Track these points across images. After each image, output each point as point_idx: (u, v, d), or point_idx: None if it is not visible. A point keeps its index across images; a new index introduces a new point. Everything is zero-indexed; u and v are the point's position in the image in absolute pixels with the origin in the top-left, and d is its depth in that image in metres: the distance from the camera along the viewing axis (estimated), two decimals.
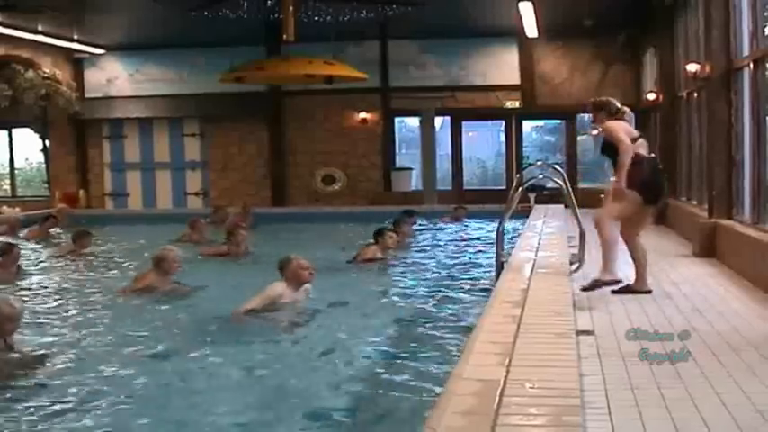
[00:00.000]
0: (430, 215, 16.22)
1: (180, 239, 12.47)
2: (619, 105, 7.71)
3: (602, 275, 7.33)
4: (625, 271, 7.76)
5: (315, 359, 6.25)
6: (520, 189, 8.56)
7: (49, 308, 8.39)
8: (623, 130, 7.41)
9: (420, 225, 14.89)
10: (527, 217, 13.22)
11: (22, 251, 10.85)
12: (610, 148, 7.48)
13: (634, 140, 7.39)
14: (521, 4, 14.54)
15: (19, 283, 9.77)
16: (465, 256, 11.93)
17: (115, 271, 10.95)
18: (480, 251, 12.06)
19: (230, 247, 11.31)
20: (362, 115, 20.51)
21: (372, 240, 10.94)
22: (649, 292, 7.45)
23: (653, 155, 7.82)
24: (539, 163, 13.53)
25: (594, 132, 24.25)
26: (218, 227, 14.08)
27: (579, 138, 21.84)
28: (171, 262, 8.69)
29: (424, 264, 11.23)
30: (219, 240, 11.98)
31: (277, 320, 7.30)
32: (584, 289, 7.34)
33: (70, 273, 10.70)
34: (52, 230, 14.68)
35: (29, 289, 9.48)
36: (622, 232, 7.53)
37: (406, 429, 4.54)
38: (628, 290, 7.44)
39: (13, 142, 22.03)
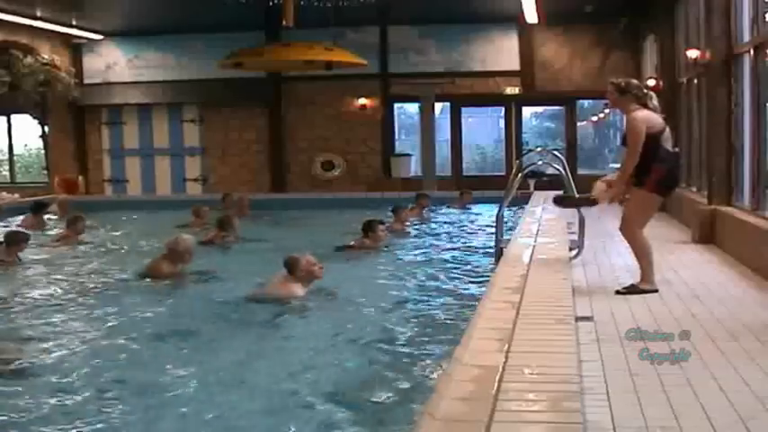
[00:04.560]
0: (430, 201, 16.21)
1: (186, 226, 12.57)
2: (645, 89, 7.08)
3: (640, 284, 6.91)
4: (629, 259, 7.72)
5: (316, 344, 6.30)
6: (519, 175, 8.56)
7: (52, 296, 8.43)
8: (648, 125, 6.75)
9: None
10: (526, 203, 13.24)
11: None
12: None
13: (661, 132, 6.83)
14: None
15: (20, 271, 9.82)
16: (464, 242, 11.94)
17: (118, 257, 11.06)
18: (479, 237, 12.07)
19: (225, 234, 11.56)
20: (362, 101, 20.46)
21: (363, 233, 10.88)
22: (656, 291, 6.87)
23: (677, 149, 7.21)
24: (538, 149, 13.54)
25: (595, 119, 24.30)
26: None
27: (579, 124, 21.83)
28: (185, 253, 8.78)
29: (422, 250, 11.25)
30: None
31: (284, 306, 7.37)
32: (619, 292, 6.86)
33: (72, 260, 10.74)
34: (51, 218, 14.74)
35: (29, 277, 9.51)
36: (623, 228, 7.10)
37: (405, 415, 4.54)
38: (633, 290, 6.86)
39: (12, 128, 21.98)
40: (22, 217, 14.41)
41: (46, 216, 14.47)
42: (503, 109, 20.95)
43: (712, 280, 7.56)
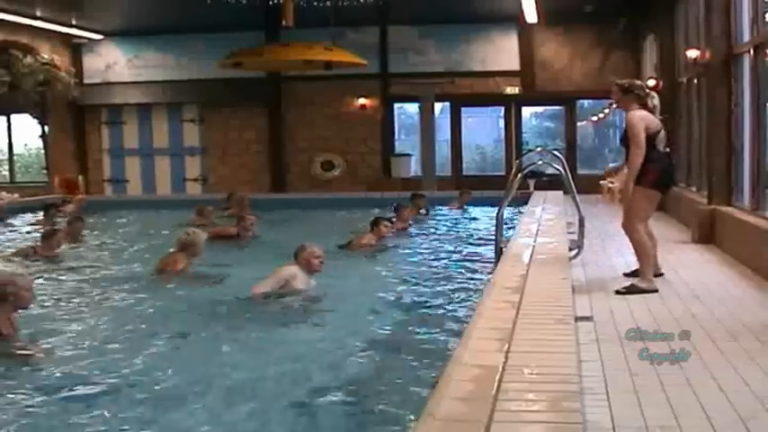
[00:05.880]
0: (430, 201, 16.20)
1: (188, 224, 12.63)
2: (646, 89, 7.52)
3: (639, 282, 7.04)
4: (629, 258, 7.76)
5: (319, 342, 6.31)
6: (519, 175, 8.56)
7: (77, 290, 8.54)
8: (645, 124, 7.09)
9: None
10: (526, 203, 13.23)
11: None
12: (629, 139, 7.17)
13: (656, 134, 7.16)
14: None
15: (61, 264, 10.04)
16: (464, 241, 11.93)
17: (126, 255, 11.20)
18: (479, 237, 12.06)
19: (240, 230, 11.72)
20: (362, 101, 20.46)
21: (369, 228, 11.04)
22: (655, 290, 6.96)
23: (668, 149, 7.50)
24: (538, 149, 13.53)
25: (594, 119, 24.29)
26: (231, 213, 14.27)
27: (579, 124, 21.82)
28: (198, 247, 8.93)
29: (423, 249, 11.25)
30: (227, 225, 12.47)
31: (286, 304, 7.44)
32: (619, 292, 6.94)
33: (87, 257, 10.84)
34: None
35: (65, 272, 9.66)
36: (624, 223, 7.34)
37: (404, 415, 4.54)
38: (633, 289, 6.95)
39: (12, 128, 21.96)
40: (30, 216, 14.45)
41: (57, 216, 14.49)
42: (503, 109, 20.96)
43: (712, 280, 7.56)
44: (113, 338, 6.53)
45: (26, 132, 22.16)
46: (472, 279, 8.78)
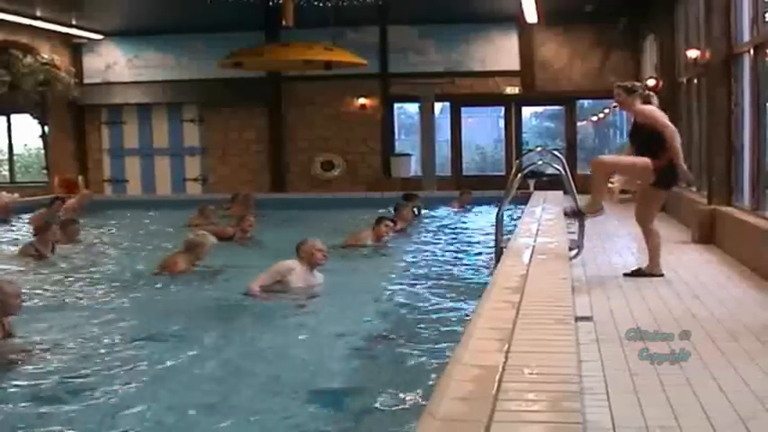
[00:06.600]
0: (430, 201, 16.21)
1: (189, 224, 12.66)
2: (647, 90, 7.95)
3: (648, 269, 7.62)
4: (628, 259, 7.81)
5: (317, 340, 6.32)
6: (519, 175, 8.56)
7: (71, 293, 8.54)
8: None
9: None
10: (526, 203, 13.23)
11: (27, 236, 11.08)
12: (642, 131, 7.56)
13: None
14: None
15: (60, 264, 10.06)
16: (464, 242, 11.94)
17: (128, 255, 11.25)
18: (479, 237, 12.07)
19: (236, 230, 11.69)
20: (362, 101, 20.46)
21: (371, 226, 11.10)
22: (662, 275, 7.55)
23: None
24: (538, 149, 13.51)
25: (594, 119, 24.29)
26: (233, 213, 14.28)
27: (579, 124, 21.80)
28: (204, 249, 8.96)
29: (423, 249, 11.25)
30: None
31: (285, 302, 7.46)
32: (627, 274, 7.63)
33: (87, 259, 10.84)
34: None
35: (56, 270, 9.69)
36: (637, 217, 7.75)
37: (404, 415, 4.54)
38: (640, 273, 7.58)
39: (12, 128, 21.96)
40: (34, 213, 14.44)
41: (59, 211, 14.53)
42: (503, 109, 20.95)
43: (712, 280, 7.56)
44: (112, 339, 6.54)
45: (26, 132, 22.15)
46: (472, 279, 8.78)
